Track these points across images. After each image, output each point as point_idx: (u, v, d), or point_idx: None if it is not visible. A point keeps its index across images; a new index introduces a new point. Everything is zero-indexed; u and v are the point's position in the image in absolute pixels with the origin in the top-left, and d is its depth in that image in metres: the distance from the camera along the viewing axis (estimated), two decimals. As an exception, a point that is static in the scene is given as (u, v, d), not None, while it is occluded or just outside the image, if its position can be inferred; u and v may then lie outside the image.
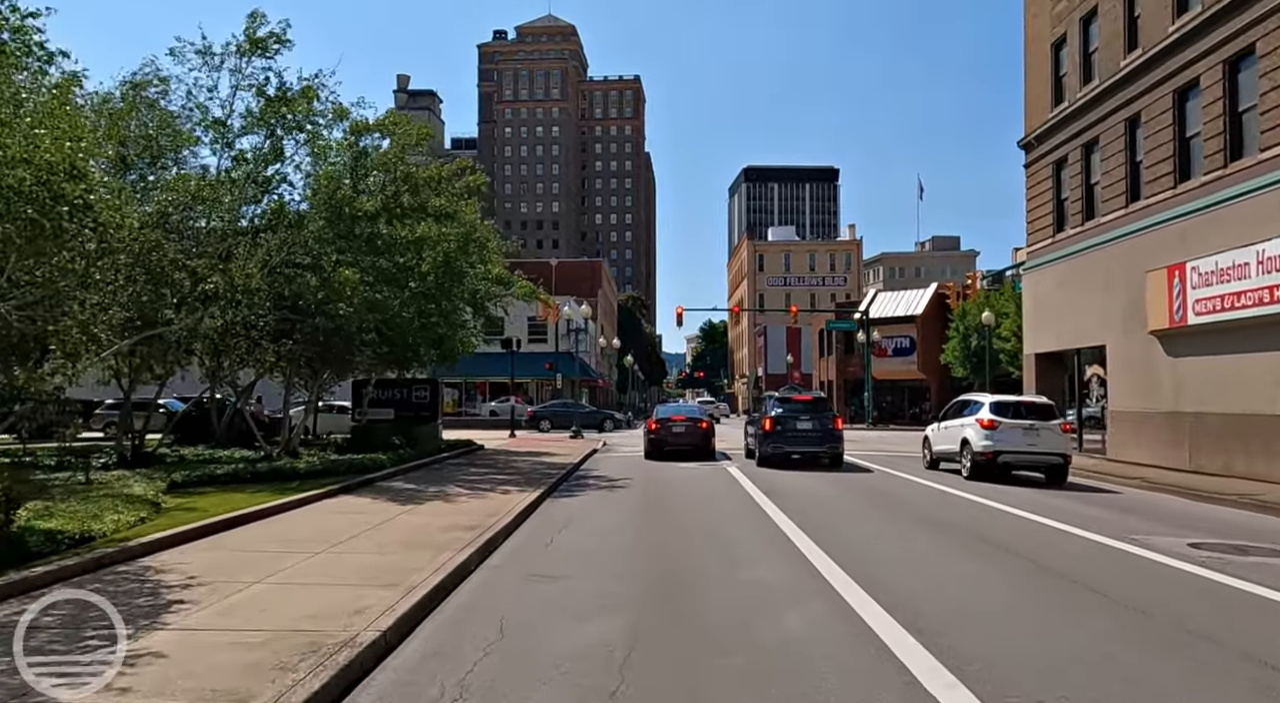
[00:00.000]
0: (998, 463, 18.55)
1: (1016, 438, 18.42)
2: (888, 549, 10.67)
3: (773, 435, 21.53)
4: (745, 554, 10.11)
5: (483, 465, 21.57)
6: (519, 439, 35.33)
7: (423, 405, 27.08)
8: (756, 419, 23.09)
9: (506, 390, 55.61)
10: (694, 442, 25.03)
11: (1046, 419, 18.76)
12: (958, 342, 46.44)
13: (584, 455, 25.70)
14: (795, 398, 22.55)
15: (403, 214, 20.40)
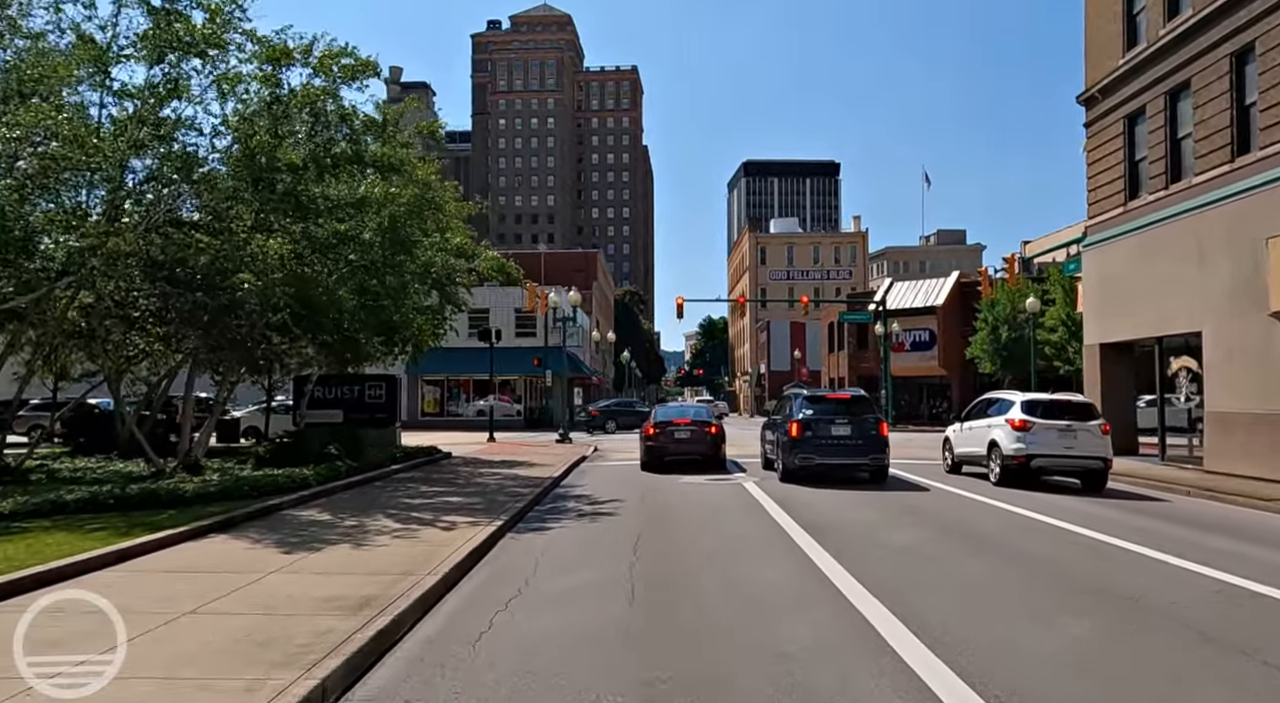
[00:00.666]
0: (1030, 468, 16.92)
1: (1051, 440, 16.71)
2: (1037, 646, 6.44)
3: (801, 444, 17.25)
4: (805, 657, 5.90)
5: (439, 482, 17.32)
6: (495, 445, 31.06)
7: (378, 406, 22.84)
8: (779, 423, 18.76)
9: (490, 388, 51.38)
10: (701, 451, 20.99)
11: (1085, 419, 17.03)
12: (986, 334, 42.26)
13: (568, 466, 21.48)
14: (829, 396, 18.26)
15: (334, 164, 16.16)
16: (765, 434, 20.98)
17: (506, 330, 50.53)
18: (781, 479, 17.88)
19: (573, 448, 28.96)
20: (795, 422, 17.33)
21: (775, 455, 18.67)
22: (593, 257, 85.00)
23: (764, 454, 21.15)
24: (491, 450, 27.26)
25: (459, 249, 19.28)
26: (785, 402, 19.56)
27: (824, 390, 19.21)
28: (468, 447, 29.22)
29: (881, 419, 17.65)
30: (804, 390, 18.82)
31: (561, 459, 23.43)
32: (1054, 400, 17.78)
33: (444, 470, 19.59)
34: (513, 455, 24.71)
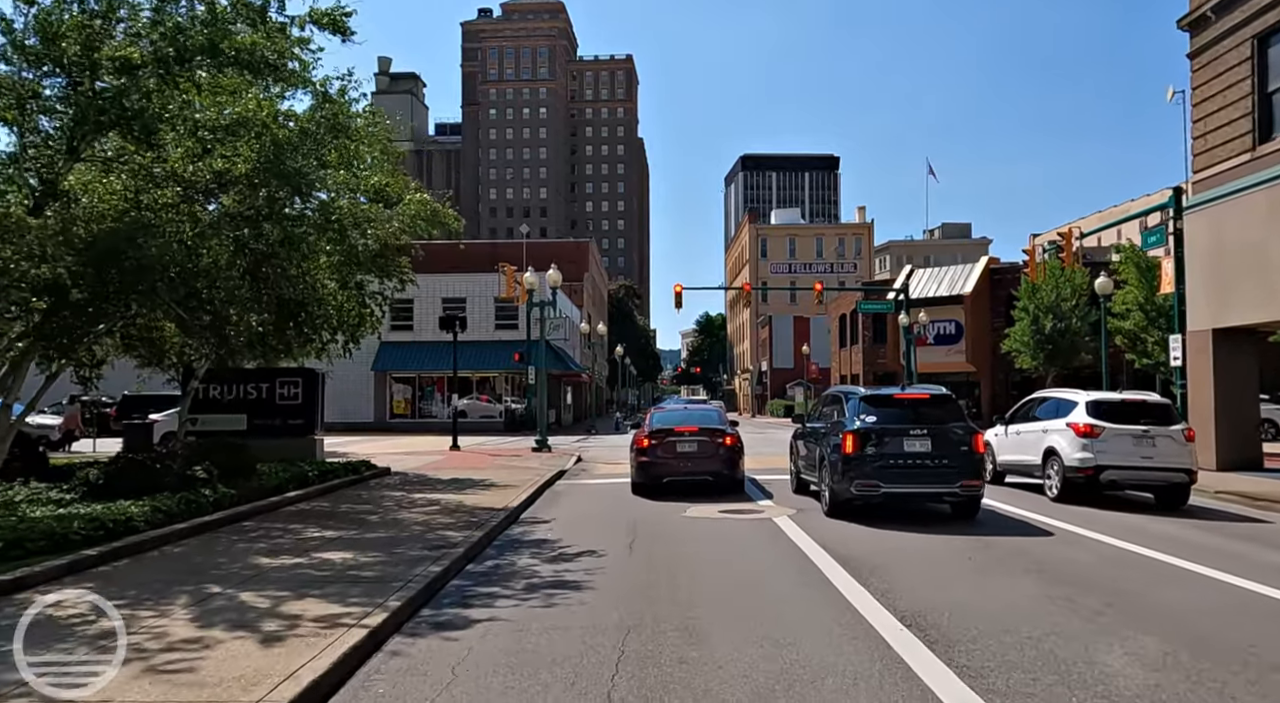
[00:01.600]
0: (1100, 482, 14.49)
1: (1125, 448, 14.37)
2: None
3: (859, 464, 12.09)
4: None
5: (343, 519, 12.14)
6: (458, 454, 25.86)
7: (291, 409, 17.72)
8: (824, 434, 13.55)
9: (469, 387, 46.25)
10: (712, 469, 15.82)
11: (1164, 423, 14.72)
12: (1026, 325, 37.22)
13: (538, 487, 16.37)
14: (899, 397, 13.08)
15: (181, 58, 11.06)
16: (798, 447, 15.80)
17: (485, 322, 45.48)
18: (829, 513, 12.75)
19: (550, 458, 23.85)
20: (851, 434, 12.17)
21: (818, 478, 13.54)
22: (584, 246, 79.81)
23: (794, 472, 15.98)
24: (448, 463, 22.11)
25: (378, 191, 14.11)
26: (832, 405, 14.27)
27: (891, 389, 14.29)
28: (423, 457, 24.08)
29: (976, 429, 12.43)
30: (860, 390, 13.61)
31: (532, 476, 18.32)
32: (1126, 401, 15.18)
33: (363, 499, 14.44)
34: (472, 471, 19.58)
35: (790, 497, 15.32)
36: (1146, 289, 29.40)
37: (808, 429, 15.25)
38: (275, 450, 16.83)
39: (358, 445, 30.55)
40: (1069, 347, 36.46)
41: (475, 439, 35.27)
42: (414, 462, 22.32)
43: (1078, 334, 36.55)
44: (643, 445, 16.01)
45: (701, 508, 13.83)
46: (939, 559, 9.63)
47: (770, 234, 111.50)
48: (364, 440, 34.51)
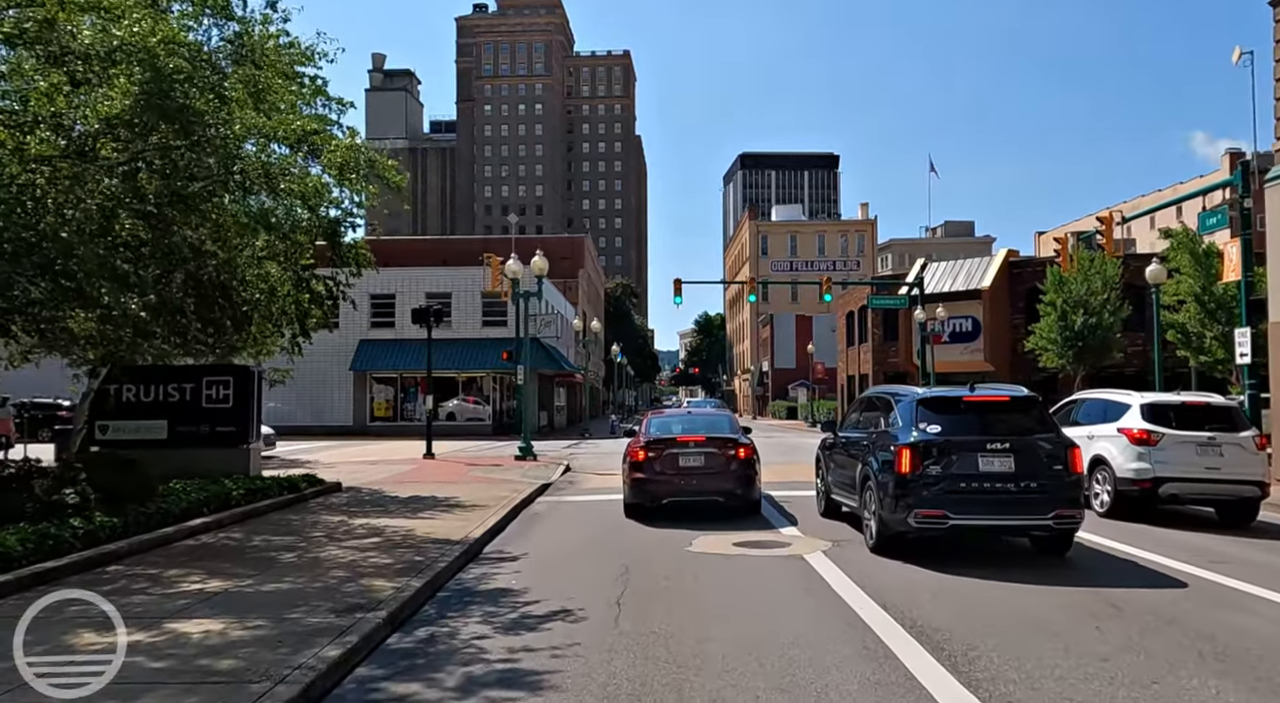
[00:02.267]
0: (1159, 495, 12.86)
1: (1188, 458, 12.79)
2: None
3: (923, 487, 9.24)
4: None
5: (241, 561, 9.28)
6: (430, 464, 23.04)
7: (221, 414, 14.88)
8: (868, 446, 10.63)
9: (455, 388, 43.44)
10: (723, 488, 12.95)
11: (1232, 429, 13.06)
12: (1053, 321, 34.45)
13: (511, 508, 13.58)
14: (970, 399, 9.88)
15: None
16: (828, 460, 12.85)
17: (471, 319, 42.69)
18: (877, 549, 9.91)
19: (534, 468, 21.05)
20: (908, 448, 9.35)
21: (859, 502, 10.69)
22: (580, 242, 77.04)
23: (823, 491, 13.11)
24: (416, 475, 19.28)
25: (302, 138, 11.20)
26: (875, 409, 11.27)
27: (956, 390, 10.57)
28: (391, 467, 21.27)
29: (1073, 443, 9.51)
30: (914, 390, 10.55)
31: (508, 492, 15.52)
32: (1187, 404, 13.49)
33: (289, 527, 11.61)
34: (439, 486, 16.77)
35: (818, 522, 12.53)
36: (1203, 278, 26.63)
37: (841, 440, 12.27)
38: (200, 463, 14.05)
39: (324, 453, 27.78)
40: (1100, 344, 33.71)
41: (458, 445, 32.49)
42: (377, 473, 19.52)
43: (1110, 330, 33.82)
44: (638, 459, 13.09)
45: (710, 539, 11.04)
46: (1056, 630, 6.82)
47: (771, 231, 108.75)
48: (334, 446, 31.72)
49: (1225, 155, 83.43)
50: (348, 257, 16.42)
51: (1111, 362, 34.90)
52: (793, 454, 26.67)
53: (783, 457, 24.63)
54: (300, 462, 23.67)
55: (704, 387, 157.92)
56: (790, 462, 23.39)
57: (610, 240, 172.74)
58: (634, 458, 13.15)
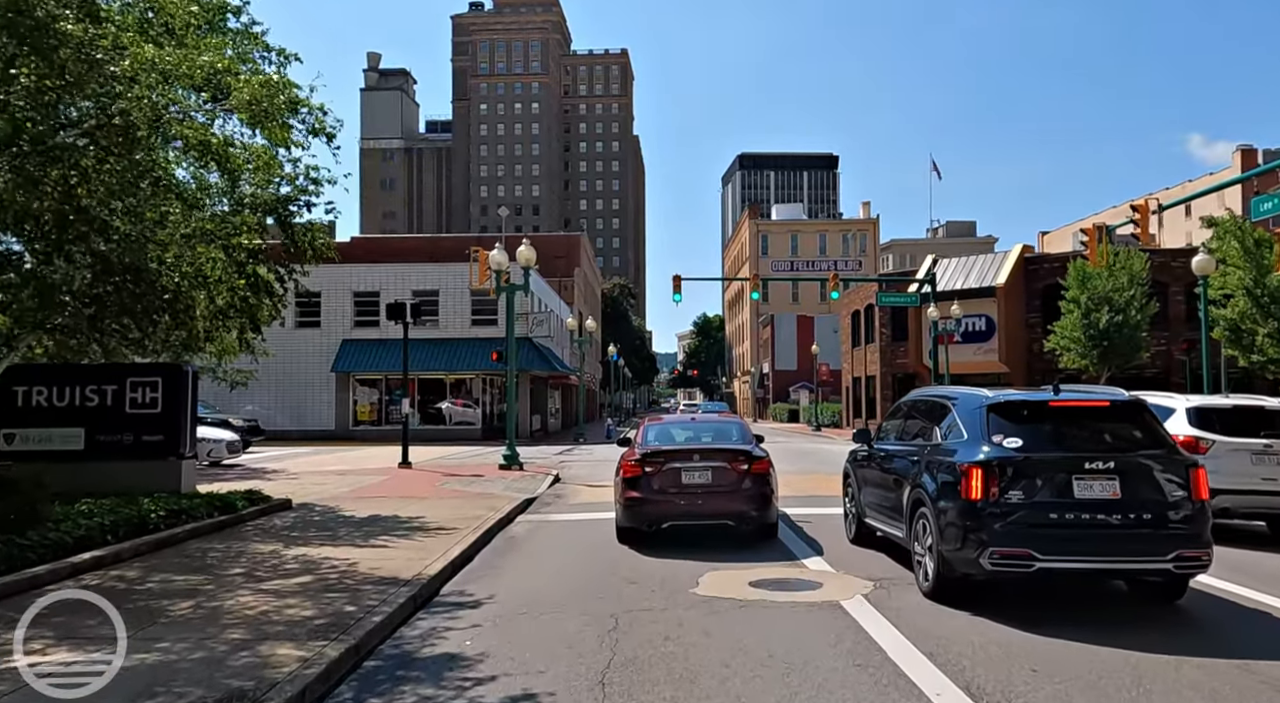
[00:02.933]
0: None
1: (1241, 468, 11.17)
2: None
3: (1000, 518, 7.06)
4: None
5: (101, 619, 7.00)
6: (406, 474, 20.94)
7: (147, 421, 12.75)
8: (915, 462, 8.53)
9: (443, 390, 41.34)
10: (734, 510, 10.86)
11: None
12: (1075, 319, 32.42)
13: (483, 531, 11.50)
14: (1056, 404, 7.57)
15: None
16: (861, 477, 10.59)
17: (460, 317, 40.60)
18: (935, 594, 7.76)
19: (519, 479, 18.94)
20: (979, 468, 7.22)
21: (907, 533, 8.50)
22: (575, 240, 74.98)
23: (854, 514, 10.82)
24: (384, 488, 17.16)
25: (211, 78, 9.06)
26: (925, 416, 9.11)
27: (1036, 393, 8.05)
28: (360, 478, 19.17)
29: (1194, 461, 7.33)
30: (979, 393, 8.15)
31: (483, 509, 13.44)
32: (1239, 407, 12.19)
33: (204, 561, 9.50)
34: (406, 502, 14.68)
35: (848, 550, 10.45)
36: (1254, 270, 24.58)
37: (880, 453, 9.98)
38: (121, 479, 12.06)
39: (295, 460, 25.70)
40: (1127, 343, 31.68)
41: (442, 451, 30.43)
42: (342, 486, 17.42)
43: (1137, 329, 31.80)
44: (633, 474, 10.96)
45: (721, 576, 8.97)
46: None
47: (771, 230, 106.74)
48: (310, 453, 29.63)
49: (1236, 152, 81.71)
50: (301, 242, 14.42)
51: (1141, 362, 32.89)
52: (804, 462, 24.62)
53: (793, 464, 22.56)
54: (264, 471, 21.61)
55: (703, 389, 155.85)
56: (804, 471, 21.32)
57: (608, 241, 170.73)
58: (628, 473, 11.03)
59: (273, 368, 40.58)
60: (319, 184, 14.05)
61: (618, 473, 11.44)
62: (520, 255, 21.19)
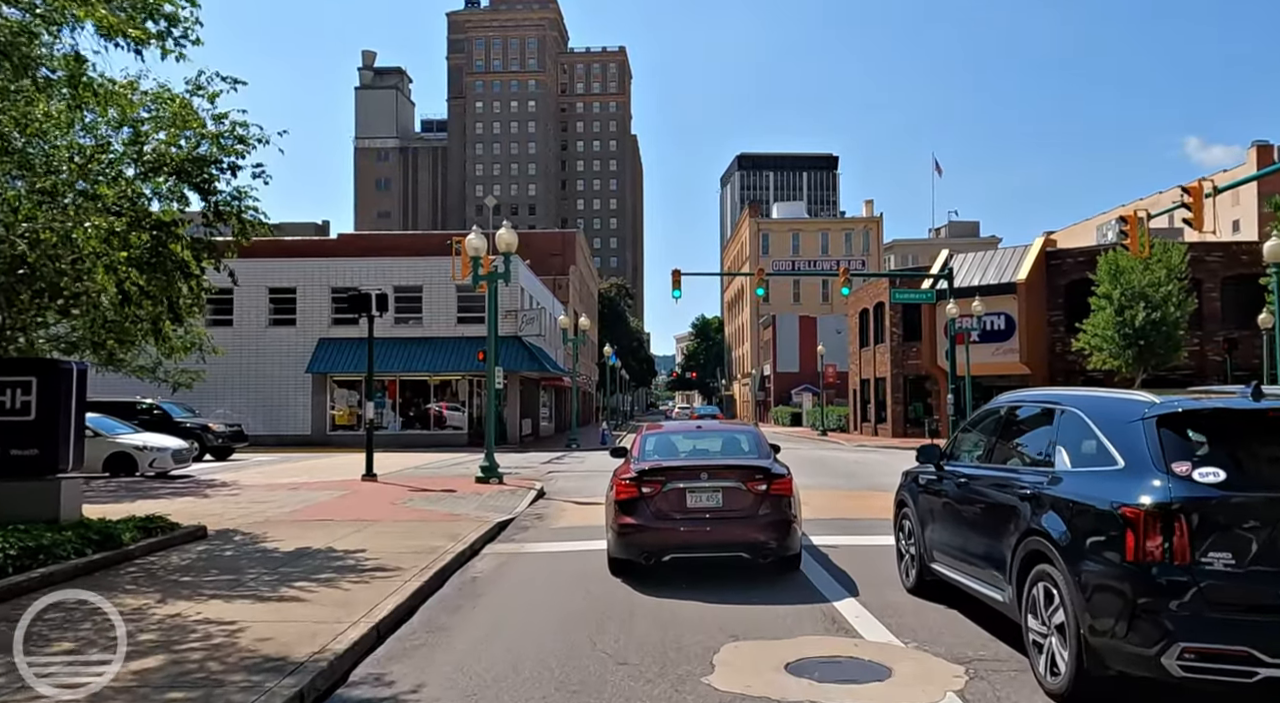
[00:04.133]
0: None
1: None
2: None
3: (1192, 592, 4.47)
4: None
5: None
6: (365, 490, 18.42)
7: (18, 431, 10.16)
8: (1023, 495, 5.83)
9: (427, 392, 38.79)
10: (748, 538, 8.71)
11: None
12: (1108, 316, 29.99)
13: (433, 574, 8.96)
14: (1273, 414, 4.83)
15: None
16: (922, 509, 8.03)
17: (445, 315, 38.07)
18: (1071, 696, 5.10)
19: (495, 496, 16.37)
20: (1155, 513, 4.59)
21: (1024, 601, 5.74)
22: (571, 237, 72.47)
23: (913, 555, 8.22)
24: (334, 508, 14.61)
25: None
26: (1028, 427, 6.66)
27: (1234, 398, 5.10)
28: (311, 494, 16.63)
29: None
30: (1135, 397, 5.36)
31: (442, 540, 10.91)
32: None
33: (13, 621, 6.94)
34: (349, 529, 12.13)
35: (908, 604, 7.90)
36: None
37: (956, 475, 7.32)
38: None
39: (253, 471, 23.18)
40: (1165, 342, 29.24)
41: (423, 459, 27.93)
42: (288, 504, 14.87)
43: (1176, 327, 29.37)
44: (628, 496, 8.85)
45: (745, 652, 6.43)
46: None
47: (772, 229, 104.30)
48: (275, 461, 27.08)
49: (1252, 148, 79.77)
50: (227, 211, 11.99)
51: (1179, 362, 30.47)
52: (821, 474, 22.08)
53: (810, 476, 20.02)
54: (211, 484, 19.12)
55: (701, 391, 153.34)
56: (825, 487, 18.74)
57: (605, 241, 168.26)
58: (622, 495, 8.98)
59: (245, 369, 38.13)
60: (246, 142, 11.67)
61: (611, 494, 9.34)
62: (500, 240, 18.69)
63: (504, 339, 36.98)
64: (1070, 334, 37.71)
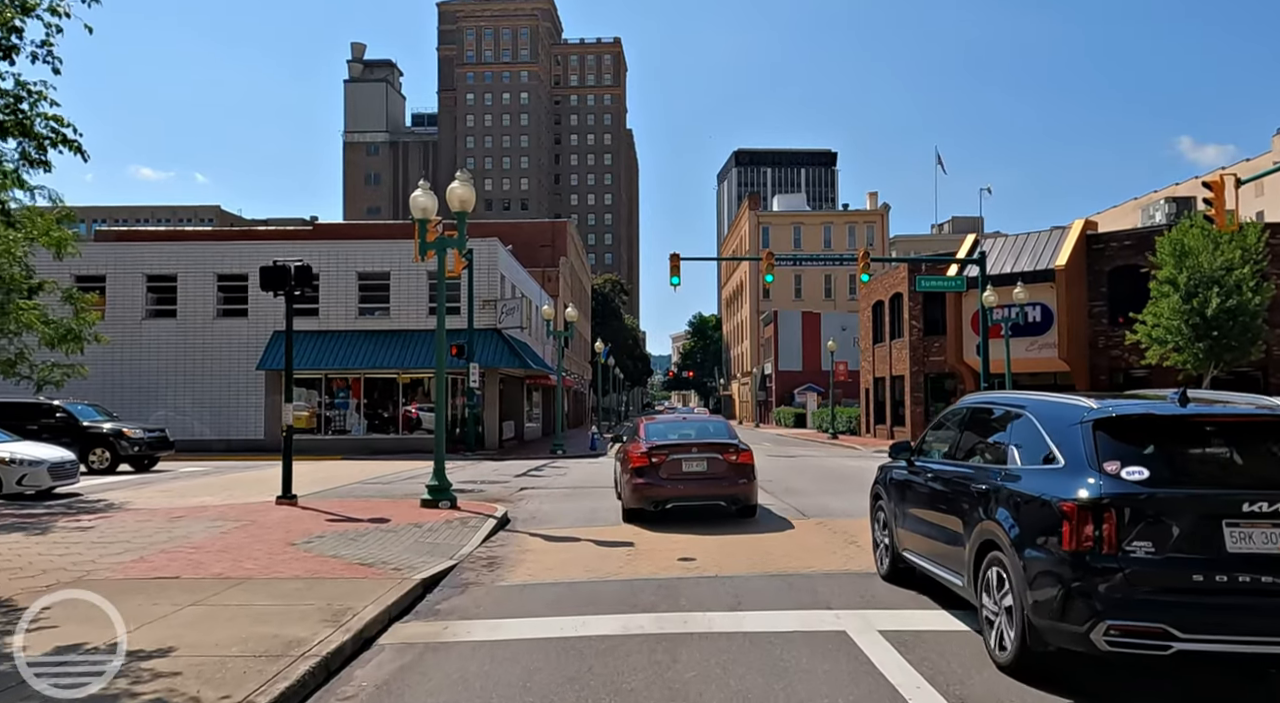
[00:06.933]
0: None
1: None
2: None
3: (1119, 577, 5.08)
4: None
5: None
6: (271, 520, 14.28)
7: None
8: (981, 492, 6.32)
9: (395, 390, 34.64)
10: (726, 493, 12.98)
11: None
12: (1173, 304, 26.01)
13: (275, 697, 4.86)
14: (1195, 419, 5.48)
15: None
16: (899, 500, 8.38)
17: (415, 305, 33.96)
18: (1014, 668, 5.70)
19: (438, 528, 12.21)
20: (1089, 508, 5.23)
21: (977, 584, 6.24)
22: (562, 227, 68.35)
23: (886, 545, 8.78)
24: (200, 552, 10.45)
25: None
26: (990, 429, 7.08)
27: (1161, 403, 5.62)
28: (190, 526, 12.47)
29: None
30: (1075, 402, 5.96)
31: (315, 624, 6.84)
32: None
33: None
34: (192, 595, 8.05)
35: (890, 593, 5.90)
36: None
37: (924, 471, 7.87)
38: None
39: (156, 488, 19.08)
40: (1241, 334, 25.29)
41: (382, 469, 23.88)
42: (153, 541, 10.75)
43: (1254, 316, 25.42)
44: (641, 463, 12.91)
45: None
46: None
47: (773, 222, 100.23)
48: (200, 473, 22.90)
49: (1277, 136, 76.23)
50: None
51: (1256, 357, 26.50)
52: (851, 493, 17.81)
53: (840, 497, 15.91)
54: (93, 506, 15.04)
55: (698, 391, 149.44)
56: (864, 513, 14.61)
57: (600, 238, 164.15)
58: (637, 463, 13.02)
59: (190, 366, 33.94)
60: (27, 7, 7.63)
61: (624, 462, 13.62)
62: (452, 195, 14.61)
63: (481, 332, 32.91)
64: (1113, 327, 33.77)
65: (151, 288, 34.40)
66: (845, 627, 6.99)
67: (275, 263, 15.12)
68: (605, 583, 8.94)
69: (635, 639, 6.78)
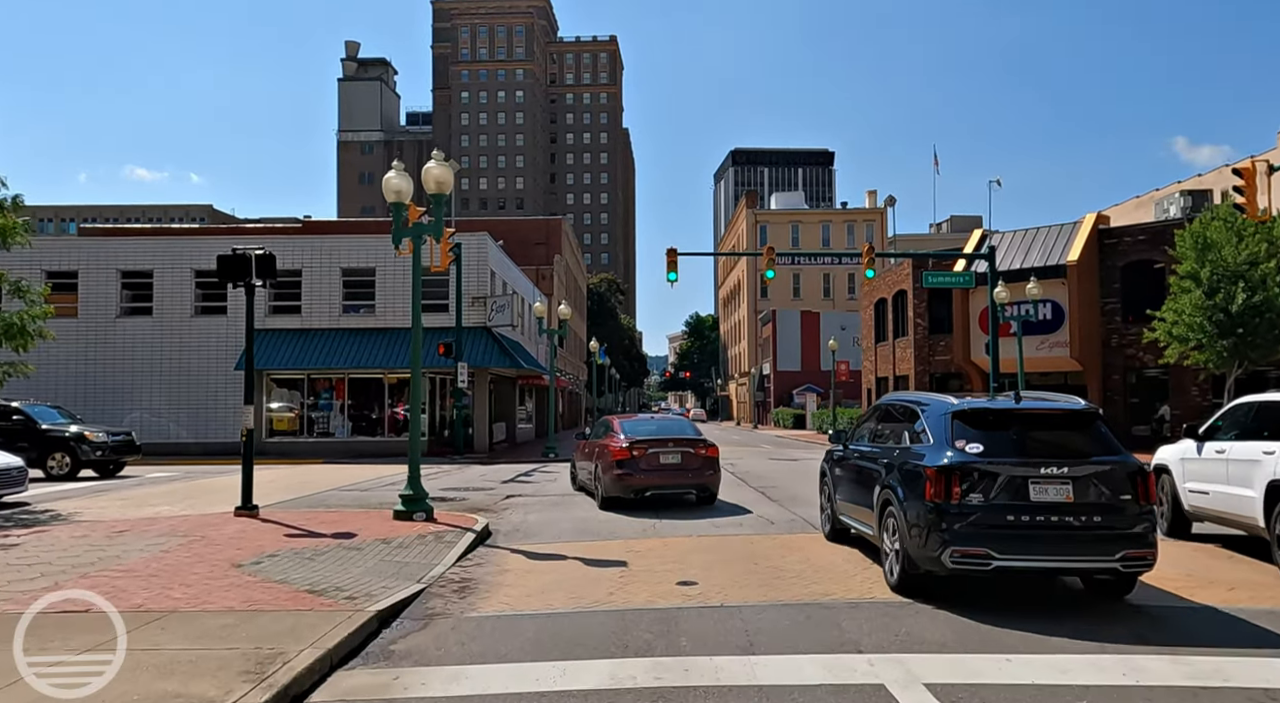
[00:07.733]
0: None
1: None
2: None
3: (961, 519, 7.57)
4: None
5: None
6: (225, 535, 12.99)
7: None
8: (885, 464, 9.17)
9: (382, 391, 33.30)
10: (697, 483, 14.90)
11: None
12: (1196, 298, 24.77)
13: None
14: (1017, 412, 8.19)
15: None
16: (836, 475, 11.05)
17: (402, 303, 32.58)
18: (899, 588, 8.16)
19: (409, 545, 10.89)
20: (942, 471, 7.77)
21: (877, 529, 9.37)
22: (556, 224, 67.03)
23: (829, 513, 11.49)
24: (143, 571, 9.15)
25: None
26: (895, 420, 9.77)
27: (997, 400, 8.48)
28: (131, 542, 11.14)
29: (1143, 467, 7.56)
30: (945, 399, 8.60)
31: (221, 689, 5.56)
32: None
33: None
34: (96, 636, 6.75)
35: (929, 627, 6.07)
36: None
37: (854, 453, 10.43)
38: None
39: (112, 496, 17.76)
40: (1268, 331, 24.06)
41: (363, 473, 22.58)
42: (81, 561, 9.43)
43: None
44: (622, 456, 14.59)
45: None
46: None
47: (771, 220, 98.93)
48: (166, 479, 21.56)
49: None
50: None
51: (1276, 357, 25.24)
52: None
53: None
54: (37, 517, 13.74)
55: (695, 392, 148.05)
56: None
57: (596, 237, 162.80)
58: (613, 455, 14.61)
59: (167, 365, 32.55)
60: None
61: (604, 457, 14.99)
62: (428, 176, 13.29)
63: (470, 330, 31.58)
64: (1127, 324, 32.56)
65: (126, 284, 33.02)
66: (883, 678, 5.71)
67: (234, 251, 13.74)
68: (593, 614, 7.66)
69: (626, 697, 5.49)
